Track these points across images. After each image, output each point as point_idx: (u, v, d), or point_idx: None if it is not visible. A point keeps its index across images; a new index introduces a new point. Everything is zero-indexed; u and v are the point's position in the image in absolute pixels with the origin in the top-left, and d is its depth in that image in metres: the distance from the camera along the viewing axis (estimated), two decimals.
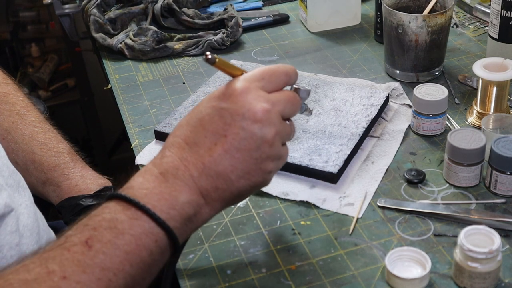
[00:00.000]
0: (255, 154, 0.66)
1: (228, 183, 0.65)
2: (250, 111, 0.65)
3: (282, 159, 0.70)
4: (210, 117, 0.66)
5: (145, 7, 1.31)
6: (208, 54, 0.65)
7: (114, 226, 0.60)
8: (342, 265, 0.77)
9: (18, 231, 0.72)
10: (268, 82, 0.68)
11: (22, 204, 0.75)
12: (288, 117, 0.70)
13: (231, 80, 0.68)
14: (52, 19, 2.39)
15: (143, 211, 0.61)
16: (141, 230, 0.61)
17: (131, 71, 1.21)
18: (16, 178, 0.77)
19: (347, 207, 0.85)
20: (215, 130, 0.65)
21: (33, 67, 2.44)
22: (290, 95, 0.69)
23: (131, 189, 0.63)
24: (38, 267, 0.56)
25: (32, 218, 0.76)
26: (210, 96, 0.68)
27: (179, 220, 0.63)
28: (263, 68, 0.69)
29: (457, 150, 0.85)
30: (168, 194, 0.63)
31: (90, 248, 0.58)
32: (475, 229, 0.72)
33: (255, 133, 0.65)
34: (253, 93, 0.66)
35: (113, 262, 0.59)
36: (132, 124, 1.05)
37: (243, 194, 0.68)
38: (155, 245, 0.62)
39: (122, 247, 0.59)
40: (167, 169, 0.65)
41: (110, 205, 0.62)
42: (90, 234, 0.59)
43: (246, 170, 0.66)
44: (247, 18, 1.34)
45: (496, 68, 0.95)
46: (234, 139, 0.65)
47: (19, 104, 0.95)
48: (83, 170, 0.91)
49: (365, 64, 1.17)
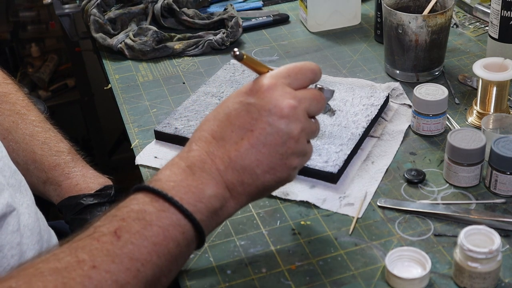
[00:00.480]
0: (280, 150, 0.67)
1: (254, 178, 0.67)
2: (277, 106, 0.66)
3: (307, 155, 0.71)
4: (237, 112, 0.67)
5: (145, 7, 1.32)
6: (236, 51, 0.66)
7: (143, 217, 0.61)
8: (342, 265, 0.77)
9: (19, 230, 0.72)
10: (294, 79, 0.69)
11: (23, 204, 0.75)
12: (313, 115, 0.71)
13: (258, 77, 0.70)
14: (52, 19, 2.39)
15: (170, 203, 0.62)
16: (168, 222, 0.62)
17: (131, 71, 1.21)
18: (18, 178, 0.77)
19: (347, 207, 0.85)
20: (242, 124, 0.66)
21: (33, 67, 2.44)
22: (316, 93, 0.71)
23: (158, 181, 0.64)
24: (68, 256, 0.57)
25: (33, 218, 0.76)
26: (237, 91, 0.70)
27: (205, 213, 0.64)
28: (290, 65, 0.70)
29: (457, 150, 0.85)
30: (195, 187, 0.64)
31: (119, 238, 0.59)
32: (475, 229, 0.72)
33: (281, 129, 0.66)
34: (280, 90, 0.67)
35: (141, 253, 0.60)
36: (132, 124, 1.05)
37: (268, 189, 0.69)
38: (182, 237, 0.62)
39: (150, 238, 0.60)
40: (194, 162, 0.66)
41: (138, 197, 0.63)
42: (119, 224, 0.60)
43: (272, 165, 0.67)
44: (247, 18, 1.34)
45: (496, 68, 0.95)
46: (260, 134, 0.66)
47: (20, 104, 0.95)
48: (83, 169, 0.92)
49: (365, 64, 1.17)
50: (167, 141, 0.99)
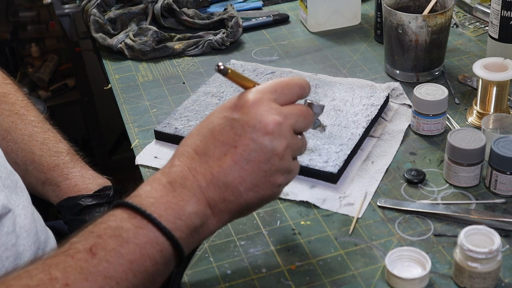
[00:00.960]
0: (264, 167, 0.65)
1: (236, 195, 0.65)
2: (262, 122, 0.64)
3: (292, 173, 0.69)
4: (221, 128, 0.65)
5: (145, 7, 1.31)
6: (221, 65, 0.65)
7: (119, 234, 0.59)
8: (342, 265, 0.77)
9: (15, 232, 0.72)
10: (281, 94, 0.67)
11: (19, 205, 0.75)
12: (300, 131, 0.69)
13: (244, 91, 0.68)
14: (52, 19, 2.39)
15: (149, 220, 0.61)
16: (146, 239, 0.60)
17: (131, 71, 1.21)
18: (14, 179, 0.77)
19: (347, 207, 0.85)
20: (226, 140, 0.65)
21: (33, 67, 2.44)
22: (303, 109, 0.69)
23: (138, 197, 0.63)
24: (41, 273, 0.56)
25: (30, 219, 0.76)
26: (222, 106, 0.68)
27: (185, 231, 0.62)
28: (277, 80, 0.68)
29: (457, 150, 0.85)
30: (175, 203, 0.62)
31: (94, 256, 0.58)
32: (475, 229, 0.72)
33: (266, 145, 0.64)
34: (265, 105, 0.66)
35: (117, 271, 0.58)
36: (132, 124, 1.05)
37: (251, 206, 0.67)
38: (160, 255, 0.61)
39: (126, 256, 0.59)
40: (176, 178, 0.64)
41: (116, 213, 0.62)
42: (94, 241, 0.59)
43: (255, 182, 0.65)
44: (247, 18, 1.34)
45: (496, 68, 0.95)
46: (244, 150, 0.64)
47: (19, 104, 0.95)
48: (82, 170, 0.91)
49: (365, 64, 1.17)
50: (167, 141, 0.99)
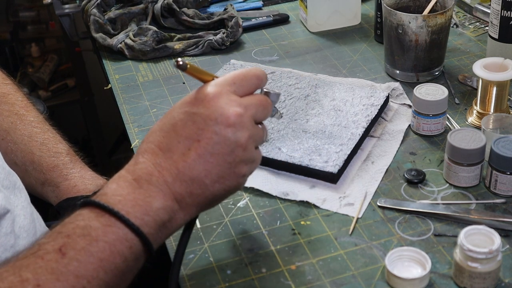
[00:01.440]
0: (229, 158, 0.66)
1: (203, 188, 0.66)
2: (223, 115, 0.65)
3: (255, 162, 0.70)
4: (183, 123, 0.66)
5: (145, 7, 1.31)
6: (179, 61, 0.65)
7: (88, 233, 0.60)
8: (342, 265, 0.77)
9: (14, 232, 0.72)
10: (239, 86, 0.68)
11: (18, 206, 0.75)
12: (260, 121, 0.70)
13: (203, 85, 0.68)
14: (52, 19, 2.39)
15: (117, 218, 0.61)
16: (115, 237, 0.61)
17: (131, 71, 1.21)
18: (12, 180, 0.77)
19: (347, 207, 0.85)
20: (189, 135, 0.65)
21: (33, 67, 2.44)
22: (262, 98, 0.70)
23: (104, 195, 0.63)
24: (11, 276, 0.56)
25: (29, 219, 0.76)
26: (182, 101, 0.68)
27: (153, 226, 0.63)
28: (234, 73, 0.70)
29: (457, 150, 0.85)
30: (142, 200, 0.63)
31: (64, 256, 0.58)
32: (475, 229, 0.72)
33: (229, 137, 0.65)
34: (225, 98, 0.66)
35: (87, 270, 0.58)
36: (132, 124, 1.05)
37: (217, 198, 0.68)
38: (130, 252, 0.61)
39: (96, 254, 0.59)
40: (141, 175, 0.64)
41: (83, 212, 0.62)
42: (63, 241, 0.59)
43: (221, 174, 0.66)
44: (247, 18, 1.34)
45: (496, 68, 0.95)
46: (207, 143, 0.65)
47: (18, 105, 0.95)
48: (82, 170, 0.91)
49: (365, 64, 1.17)
50: None
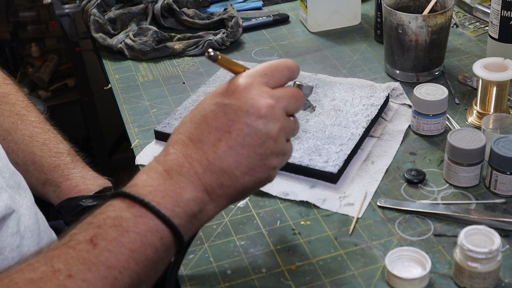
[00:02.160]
0: (259, 150, 0.65)
1: (233, 179, 0.65)
2: (254, 107, 0.65)
3: (286, 155, 0.69)
4: (214, 114, 0.66)
5: (145, 7, 1.31)
6: (211, 51, 0.65)
7: (119, 224, 0.60)
8: (342, 265, 0.77)
9: (19, 232, 0.72)
10: (271, 77, 0.68)
11: (23, 206, 0.75)
12: (292, 113, 0.69)
13: (234, 77, 0.68)
14: (52, 19, 2.39)
15: (147, 209, 0.61)
16: (146, 228, 0.60)
17: (131, 71, 1.21)
18: (17, 179, 0.77)
19: (347, 207, 0.85)
20: (219, 126, 0.65)
21: (33, 67, 2.44)
22: (294, 91, 0.69)
23: (135, 186, 0.63)
24: (43, 266, 0.56)
25: (33, 219, 0.76)
26: (213, 92, 0.68)
27: (184, 217, 0.63)
28: (266, 64, 0.69)
29: (457, 150, 0.85)
30: (173, 191, 0.63)
31: (95, 246, 0.58)
32: (475, 229, 0.72)
33: (260, 129, 0.65)
34: (257, 89, 0.66)
35: (119, 260, 0.58)
36: (132, 124, 1.05)
37: (248, 190, 0.67)
38: (160, 243, 0.61)
39: (127, 245, 0.59)
40: (172, 166, 0.64)
41: (114, 203, 0.62)
42: (94, 232, 0.59)
43: (251, 166, 0.65)
44: (247, 18, 1.34)
45: (496, 68, 0.95)
46: (238, 135, 0.64)
47: (19, 105, 0.95)
48: (83, 170, 0.91)
49: (365, 64, 1.17)
50: (167, 141, 0.99)
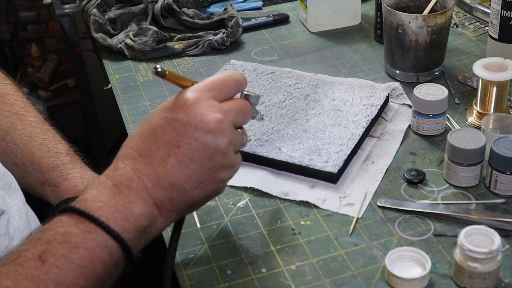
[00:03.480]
0: (208, 164, 0.66)
1: (183, 193, 0.66)
2: (203, 121, 0.65)
3: (235, 167, 0.71)
4: (162, 128, 0.66)
5: (145, 7, 1.31)
6: (158, 67, 0.66)
7: (68, 240, 0.60)
8: (342, 265, 0.77)
9: (8, 233, 0.72)
10: (219, 91, 0.69)
11: (13, 207, 0.75)
12: (239, 125, 0.71)
13: (182, 91, 0.69)
14: (52, 19, 2.39)
15: (97, 224, 0.61)
16: (95, 243, 0.61)
17: (131, 71, 1.21)
18: (8, 180, 0.77)
19: (347, 207, 0.85)
20: (168, 141, 0.65)
21: (33, 67, 2.44)
22: (241, 103, 0.70)
23: (84, 201, 0.63)
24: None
25: (24, 220, 0.76)
26: (161, 107, 0.68)
27: (133, 232, 0.63)
28: (213, 78, 0.70)
29: (457, 150, 0.85)
30: (122, 206, 0.63)
31: (44, 263, 0.58)
32: (475, 229, 0.72)
33: (208, 143, 0.65)
34: (205, 103, 0.67)
35: (67, 277, 0.58)
36: (132, 124, 1.05)
37: (197, 203, 0.68)
38: (110, 258, 0.62)
39: (76, 261, 0.59)
40: (121, 181, 0.65)
41: (63, 219, 0.62)
42: (43, 248, 0.59)
43: (200, 180, 0.66)
44: (247, 18, 1.34)
45: (496, 68, 0.95)
46: (187, 149, 0.65)
47: (18, 105, 0.95)
48: (82, 170, 0.91)
49: (365, 64, 1.17)
50: None
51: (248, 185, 0.89)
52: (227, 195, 0.88)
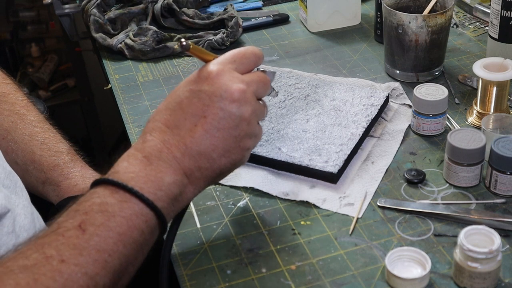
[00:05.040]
0: (234, 133, 0.69)
1: (211, 162, 0.69)
2: (227, 92, 0.69)
3: (258, 137, 0.74)
4: (188, 100, 0.69)
5: (145, 7, 1.31)
6: (183, 41, 0.69)
7: (105, 209, 0.62)
8: (342, 265, 0.77)
9: (15, 232, 0.72)
10: (240, 64, 0.72)
11: (19, 205, 0.75)
12: (260, 97, 0.74)
13: (205, 64, 0.72)
14: (52, 19, 2.39)
15: (131, 194, 0.64)
16: (131, 212, 0.63)
17: (131, 71, 1.21)
18: (13, 179, 0.77)
19: (347, 207, 0.85)
20: (195, 112, 0.68)
21: (33, 67, 2.44)
22: (261, 75, 0.74)
23: (117, 173, 0.66)
24: (35, 253, 0.58)
25: (29, 218, 0.76)
26: (186, 80, 0.72)
27: (166, 200, 0.66)
28: (234, 51, 0.73)
29: (457, 150, 0.85)
30: (154, 176, 0.65)
31: (84, 232, 0.60)
32: (475, 229, 0.72)
33: (233, 113, 0.69)
34: (228, 75, 0.70)
35: (108, 244, 0.61)
36: (132, 124, 1.05)
37: (224, 172, 0.71)
38: (146, 225, 0.64)
39: (114, 228, 0.61)
40: (151, 152, 0.67)
41: (98, 190, 0.64)
42: (82, 218, 0.61)
43: (227, 148, 0.69)
44: (247, 18, 1.34)
45: (496, 68, 0.95)
46: (213, 119, 0.68)
47: (19, 104, 0.95)
48: (82, 169, 0.91)
49: (365, 64, 1.17)
50: None
51: (248, 185, 0.89)
52: (227, 195, 0.88)
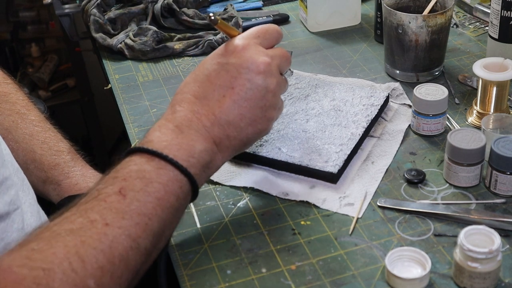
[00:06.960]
0: (260, 103, 0.74)
1: (238, 131, 0.73)
2: (254, 64, 0.73)
3: (281, 109, 0.79)
4: (216, 73, 0.74)
5: (145, 7, 1.31)
6: (212, 15, 0.74)
7: (143, 176, 0.65)
8: (342, 265, 0.77)
9: (24, 229, 0.73)
10: (263, 39, 0.77)
11: (26, 202, 0.76)
12: (282, 71, 0.78)
13: (231, 39, 0.76)
14: (52, 19, 2.39)
15: (166, 161, 0.67)
16: (167, 178, 0.67)
17: (131, 71, 1.21)
18: (21, 176, 0.78)
19: (347, 207, 0.85)
20: (223, 83, 0.73)
21: (33, 67, 2.44)
22: (283, 51, 0.78)
23: (150, 142, 0.68)
24: (79, 218, 0.61)
25: (36, 216, 0.76)
26: (213, 54, 0.76)
27: (198, 167, 0.70)
28: (258, 27, 0.78)
29: (457, 150, 0.85)
30: (186, 144, 0.69)
31: (125, 197, 0.63)
32: (475, 229, 0.72)
33: (260, 84, 0.73)
34: (254, 49, 0.74)
35: (147, 208, 0.64)
36: (132, 124, 1.05)
37: (250, 141, 0.76)
38: (181, 191, 0.68)
39: (153, 194, 0.65)
40: (181, 122, 0.71)
41: (134, 158, 0.67)
42: (121, 184, 0.64)
43: (253, 117, 0.74)
44: (247, 18, 1.34)
45: (496, 68, 0.95)
46: (241, 90, 0.73)
47: (19, 104, 0.95)
48: (83, 169, 0.92)
49: (365, 64, 1.17)
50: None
51: (248, 185, 0.89)
52: (227, 195, 0.88)
